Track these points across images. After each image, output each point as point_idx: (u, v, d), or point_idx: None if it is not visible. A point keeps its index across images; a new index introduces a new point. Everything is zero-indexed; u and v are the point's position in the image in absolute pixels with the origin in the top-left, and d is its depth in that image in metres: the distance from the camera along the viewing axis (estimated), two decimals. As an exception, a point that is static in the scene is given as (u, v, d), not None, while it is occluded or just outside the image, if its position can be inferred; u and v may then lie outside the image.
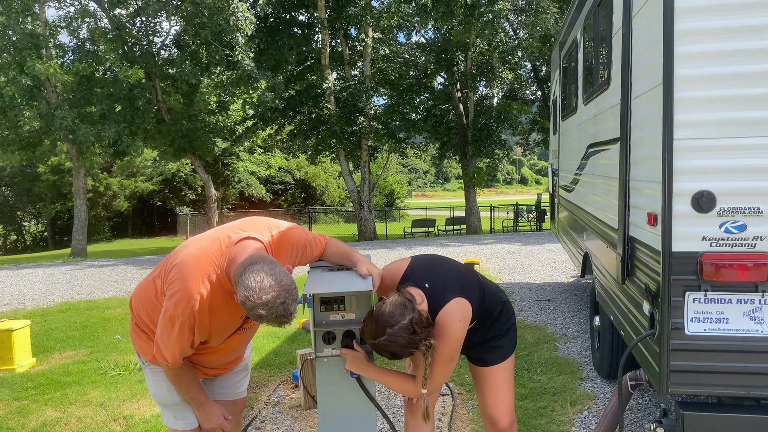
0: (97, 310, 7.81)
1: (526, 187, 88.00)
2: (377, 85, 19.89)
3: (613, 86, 3.40)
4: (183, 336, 2.11)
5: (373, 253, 13.00)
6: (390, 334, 2.10)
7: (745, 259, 2.27)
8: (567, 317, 6.37)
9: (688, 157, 2.30)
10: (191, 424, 2.45)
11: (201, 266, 2.10)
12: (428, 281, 2.32)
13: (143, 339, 2.37)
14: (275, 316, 1.91)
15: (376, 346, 2.18)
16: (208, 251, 2.13)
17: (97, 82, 16.92)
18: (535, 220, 23.61)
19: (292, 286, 1.95)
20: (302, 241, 2.42)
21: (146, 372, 2.43)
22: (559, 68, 6.81)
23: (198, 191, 34.64)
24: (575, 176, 5.23)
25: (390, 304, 2.16)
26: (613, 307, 3.50)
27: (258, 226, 2.30)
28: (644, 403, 3.94)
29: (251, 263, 1.96)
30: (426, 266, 2.43)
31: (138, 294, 2.39)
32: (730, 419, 2.41)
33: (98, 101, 16.56)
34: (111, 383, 4.73)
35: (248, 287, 1.89)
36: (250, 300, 1.89)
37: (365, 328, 2.21)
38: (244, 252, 2.08)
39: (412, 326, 2.11)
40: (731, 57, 2.26)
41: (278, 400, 4.24)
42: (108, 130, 16.24)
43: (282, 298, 1.90)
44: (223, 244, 2.15)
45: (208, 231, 2.31)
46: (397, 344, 2.12)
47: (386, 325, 2.11)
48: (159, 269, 2.28)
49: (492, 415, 2.56)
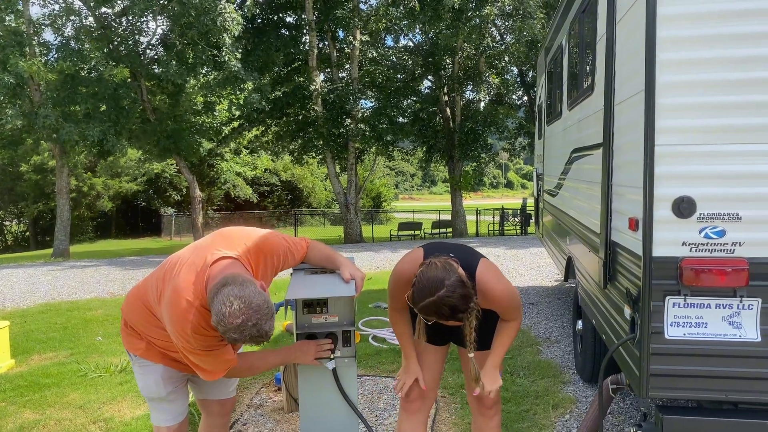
0: (78, 311, 7.72)
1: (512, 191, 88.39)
2: (365, 87, 19.88)
3: (596, 92, 3.43)
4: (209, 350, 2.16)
5: (359, 255, 12.99)
6: (449, 286, 2.11)
7: (724, 265, 2.29)
8: (550, 321, 6.40)
9: (670, 163, 2.33)
10: (177, 418, 2.46)
11: (183, 297, 2.11)
12: (449, 253, 2.34)
13: (134, 335, 2.39)
14: (249, 337, 1.93)
15: (434, 303, 2.12)
16: (187, 280, 2.13)
17: (81, 81, 16.72)
18: (521, 224, 23.75)
19: (264, 306, 1.95)
20: (281, 249, 2.42)
21: (135, 367, 2.44)
22: (545, 73, 6.86)
23: (183, 192, 34.39)
24: (559, 181, 5.27)
25: (438, 261, 2.18)
26: (595, 311, 3.52)
27: (233, 241, 2.30)
28: (625, 407, 3.97)
29: (222, 285, 1.97)
30: (438, 247, 2.45)
31: (129, 302, 2.42)
32: (709, 423, 2.43)
33: (82, 100, 16.38)
34: (91, 385, 4.68)
35: (219, 312, 1.91)
36: (222, 325, 1.91)
37: (416, 293, 2.16)
38: (217, 274, 2.08)
39: (462, 280, 2.15)
40: (713, 65, 2.29)
41: (260, 403, 4.22)
42: (92, 130, 16.06)
43: (253, 320, 1.91)
44: (198, 266, 2.16)
45: (190, 252, 2.29)
46: (457, 295, 2.12)
47: (443, 278, 2.12)
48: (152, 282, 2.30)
49: (481, 395, 2.57)
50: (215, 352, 2.18)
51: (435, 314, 2.16)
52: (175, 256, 2.31)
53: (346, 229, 20.30)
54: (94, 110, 16.59)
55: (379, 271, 10.53)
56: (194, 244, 2.36)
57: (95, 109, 16.66)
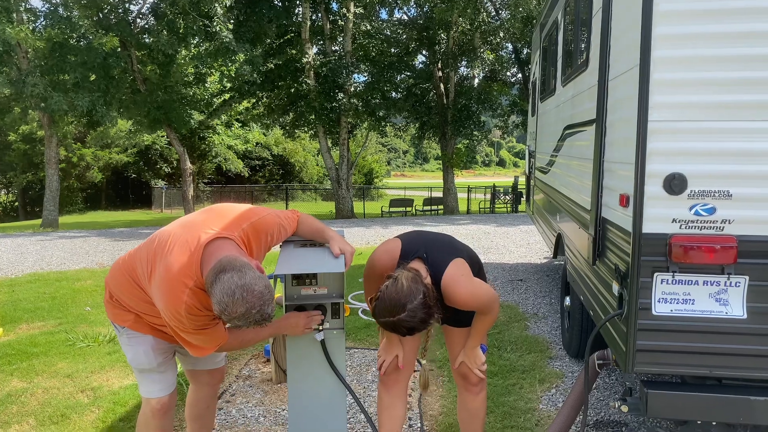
0: (67, 282, 7.69)
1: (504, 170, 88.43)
2: (358, 61, 19.68)
3: (591, 67, 3.40)
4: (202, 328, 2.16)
5: (350, 231, 12.99)
6: (410, 310, 2.13)
7: (713, 242, 2.30)
8: (539, 297, 6.45)
9: (662, 140, 2.31)
10: (167, 389, 2.45)
11: (175, 278, 2.09)
12: (425, 251, 2.41)
13: (119, 308, 2.37)
14: (254, 322, 1.95)
15: (393, 324, 2.18)
16: (179, 260, 2.10)
17: (70, 49, 16.44)
18: (512, 202, 23.80)
19: (265, 291, 1.95)
20: (275, 226, 2.41)
21: (122, 339, 2.41)
22: (540, 49, 6.80)
23: (174, 165, 34.16)
24: (551, 158, 5.25)
25: (405, 279, 2.18)
26: (584, 287, 3.54)
27: (227, 219, 2.28)
28: (611, 382, 4.02)
29: (220, 271, 1.95)
30: (416, 239, 2.50)
31: (115, 276, 2.38)
32: (692, 398, 2.46)
33: (71, 69, 16.12)
34: (79, 355, 4.68)
35: (221, 302, 1.90)
36: (226, 314, 1.91)
37: (377, 308, 2.20)
38: (213, 256, 2.06)
39: (426, 301, 2.16)
40: (708, 40, 2.26)
41: (249, 374, 4.24)
42: (81, 99, 15.86)
43: (257, 308, 1.92)
44: (191, 246, 2.12)
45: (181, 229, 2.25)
46: (417, 319, 2.16)
47: (405, 301, 2.13)
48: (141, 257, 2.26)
49: (465, 371, 2.62)
50: (207, 331, 2.17)
51: (393, 331, 2.23)
52: (166, 231, 2.27)
53: (338, 204, 20.27)
54: (83, 79, 16.34)
55: (370, 246, 10.54)
56: (185, 220, 2.32)
57: (84, 79, 16.41)
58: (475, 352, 2.57)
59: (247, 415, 3.60)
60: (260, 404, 3.75)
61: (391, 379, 2.66)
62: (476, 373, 2.61)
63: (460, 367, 2.64)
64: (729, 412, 2.43)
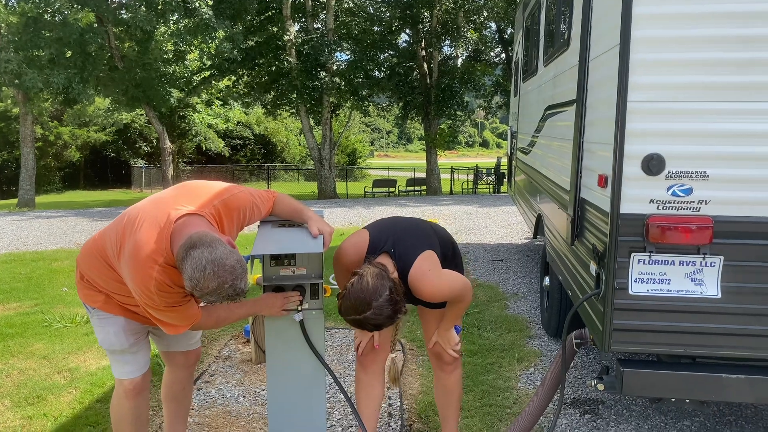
0: (43, 262, 7.58)
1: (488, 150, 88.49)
2: (340, 39, 19.45)
3: (572, 47, 3.39)
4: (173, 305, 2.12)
5: (332, 211, 12.96)
6: (376, 307, 2.13)
7: (690, 222, 2.31)
8: (518, 277, 6.49)
9: (641, 120, 2.31)
10: (140, 370, 2.43)
11: (145, 255, 2.05)
12: (392, 245, 2.39)
13: (90, 288, 2.33)
14: (227, 297, 1.93)
15: (359, 321, 2.19)
16: (149, 235, 2.07)
17: (45, 24, 16.03)
18: (494, 182, 23.88)
19: (237, 266, 1.92)
20: (247, 203, 2.36)
21: (93, 320, 2.38)
22: (522, 29, 6.76)
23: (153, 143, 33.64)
24: (533, 138, 5.25)
25: (370, 276, 2.17)
26: (562, 267, 3.56)
27: (197, 196, 2.24)
28: (588, 361, 4.07)
29: (190, 247, 1.92)
30: (384, 231, 2.47)
31: (86, 255, 2.34)
32: (666, 376, 2.50)
33: (46, 45, 15.75)
34: (56, 335, 4.62)
35: (192, 277, 1.88)
36: (197, 290, 1.89)
37: (343, 306, 2.20)
38: (183, 233, 2.02)
39: (392, 297, 2.15)
40: (687, 20, 2.26)
41: (229, 355, 4.22)
42: (57, 76, 15.51)
43: (229, 282, 1.89)
44: (161, 222, 2.09)
45: (151, 206, 2.22)
46: (384, 316, 2.16)
47: (371, 299, 2.13)
48: (111, 235, 2.22)
49: (440, 351, 2.65)
50: (179, 308, 2.14)
51: (360, 328, 2.25)
52: (135, 208, 2.23)
53: (320, 184, 20.18)
54: (58, 56, 15.99)
55: (352, 226, 10.53)
56: (155, 197, 2.29)
57: (60, 55, 16.05)
58: (448, 333, 2.59)
59: (227, 395, 3.60)
60: (240, 384, 3.74)
61: (368, 360, 2.67)
62: (450, 352, 2.62)
63: (434, 347, 2.66)
64: (702, 389, 2.47)
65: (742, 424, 3.22)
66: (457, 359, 2.68)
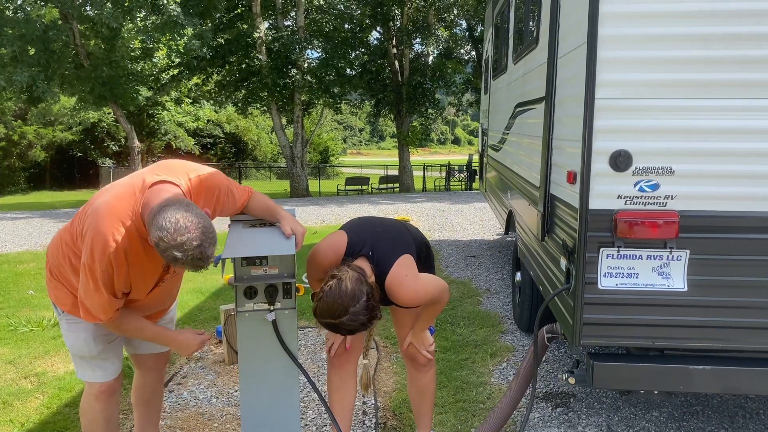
0: (8, 265, 7.40)
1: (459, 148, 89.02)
2: (311, 36, 19.34)
3: (541, 45, 3.42)
4: (105, 285, 2.01)
5: (306, 209, 12.90)
6: (353, 313, 2.11)
7: (657, 217, 2.36)
8: (491, 273, 6.55)
9: (609, 117, 2.35)
10: (109, 375, 2.37)
11: (114, 212, 1.99)
12: (371, 248, 2.36)
13: (60, 288, 2.26)
14: (191, 259, 1.83)
15: (334, 326, 2.15)
16: (122, 196, 2.03)
17: (7, 21, 15.56)
18: (466, 179, 24.04)
19: (210, 229, 1.88)
20: (223, 186, 2.31)
21: (62, 324, 2.32)
22: (492, 27, 6.81)
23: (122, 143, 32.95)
24: (503, 135, 5.30)
25: (349, 281, 2.14)
26: (533, 263, 3.60)
27: (175, 170, 2.19)
28: (560, 355, 4.12)
29: (166, 205, 1.86)
30: (362, 234, 2.44)
31: (54, 243, 2.28)
32: (636, 368, 2.54)
33: (9, 42, 15.29)
34: (22, 340, 4.51)
35: (162, 227, 1.80)
36: (164, 241, 1.80)
37: (319, 309, 2.16)
38: (159, 195, 1.97)
39: (369, 303, 2.13)
40: (654, 19, 2.30)
41: (201, 356, 4.17)
42: (20, 75, 15.10)
43: (198, 240, 1.82)
44: (137, 188, 2.04)
45: (124, 177, 2.19)
46: (359, 322, 2.13)
47: (348, 305, 2.10)
48: (76, 218, 2.18)
49: (414, 353, 2.65)
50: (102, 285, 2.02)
51: (333, 331, 2.22)
52: (107, 185, 2.19)
53: (293, 183, 20.05)
54: (21, 53, 15.53)
55: (325, 224, 10.49)
56: (130, 174, 2.24)
57: (23, 53, 15.60)
58: (423, 334, 2.60)
59: (199, 396, 3.56)
60: (212, 386, 3.70)
61: (340, 361, 2.66)
62: (424, 353, 2.63)
63: (408, 348, 2.66)
64: (669, 381, 2.52)
65: (709, 414, 3.30)
66: (431, 360, 2.69)
